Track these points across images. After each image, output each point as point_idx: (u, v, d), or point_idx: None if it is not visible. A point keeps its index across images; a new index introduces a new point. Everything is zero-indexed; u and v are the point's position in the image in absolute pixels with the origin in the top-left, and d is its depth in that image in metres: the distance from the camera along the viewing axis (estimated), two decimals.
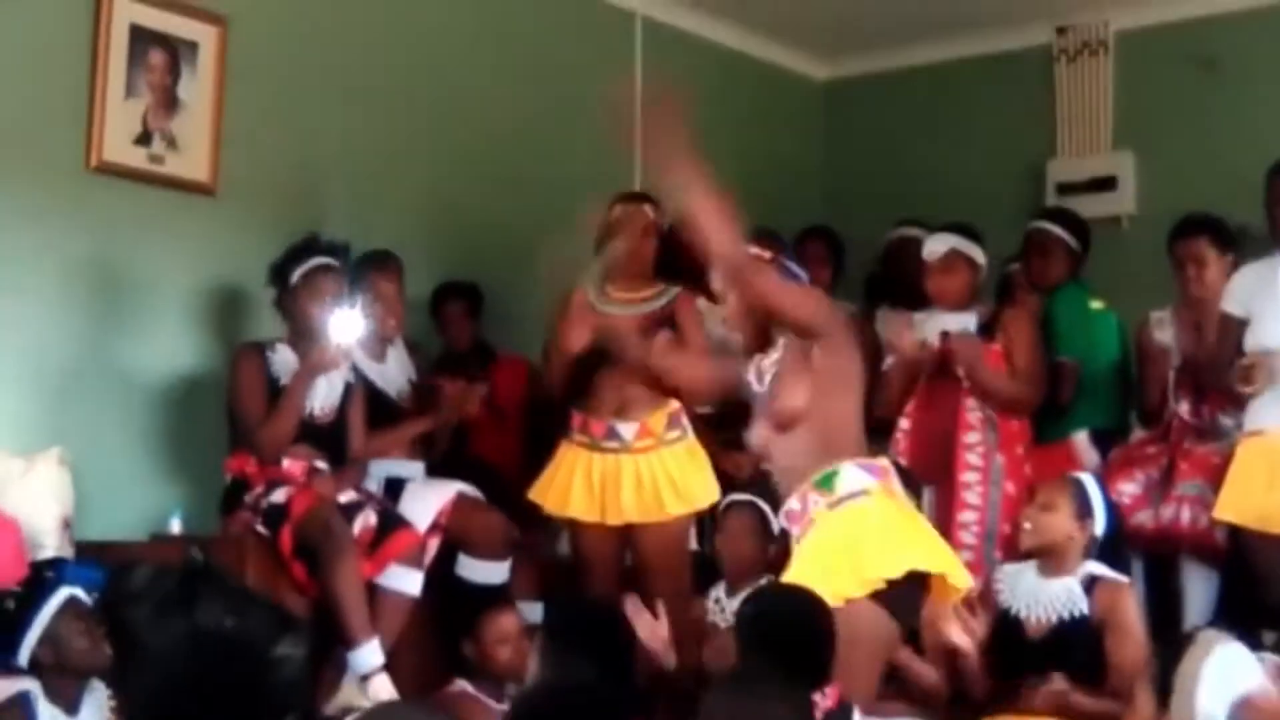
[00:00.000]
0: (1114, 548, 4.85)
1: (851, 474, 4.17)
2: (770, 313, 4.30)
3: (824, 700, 3.69)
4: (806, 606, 3.83)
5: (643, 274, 5.64)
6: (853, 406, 4.31)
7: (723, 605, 5.20)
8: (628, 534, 5.54)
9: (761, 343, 4.39)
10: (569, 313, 5.57)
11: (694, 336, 5.55)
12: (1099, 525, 4.78)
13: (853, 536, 4.09)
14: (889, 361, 5.87)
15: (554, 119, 6.97)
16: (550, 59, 7.02)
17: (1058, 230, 6.05)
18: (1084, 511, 4.78)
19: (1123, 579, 4.82)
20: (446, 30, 6.68)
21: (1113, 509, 4.88)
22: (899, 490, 4.31)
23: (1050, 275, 6.01)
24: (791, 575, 4.12)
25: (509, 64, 6.86)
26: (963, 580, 4.19)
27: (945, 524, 5.42)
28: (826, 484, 4.15)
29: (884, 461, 4.34)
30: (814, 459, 4.19)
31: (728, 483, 5.59)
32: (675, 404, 5.54)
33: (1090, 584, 4.72)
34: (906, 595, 4.09)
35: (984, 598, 4.95)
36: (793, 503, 4.23)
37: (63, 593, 4.27)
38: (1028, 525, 4.84)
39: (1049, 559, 4.80)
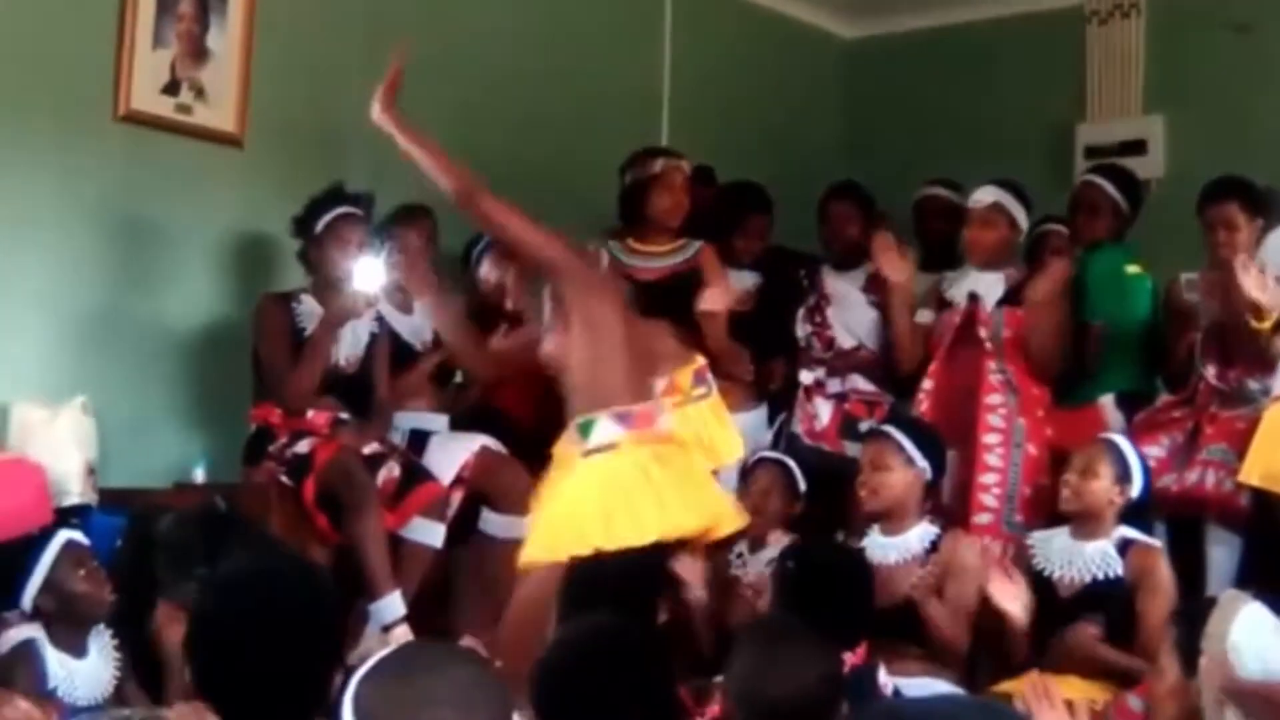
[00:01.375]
0: (1140, 510, 4.87)
1: (604, 426, 4.23)
2: (517, 250, 4.36)
3: (852, 656, 3.71)
4: (850, 565, 3.85)
5: (672, 229, 5.66)
6: (611, 350, 4.33)
7: (745, 560, 5.22)
8: None
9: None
10: None
11: (717, 281, 5.59)
12: (1136, 488, 4.82)
13: (584, 497, 4.18)
14: (919, 317, 5.86)
15: (583, 79, 6.95)
16: (580, 14, 7.00)
17: (1108, 185, 6.01)
18: (1124, 475, 4.83)
19: (1154, 542, 4.86)
20: None
21: (1147, 471, 4.91)
22: (663, 433, 4.34)
23: (1095, 231, 5.96)
24: (538, 520, 4.26)
25: (535, 14, 6.83)
26: (708, 529, 4.29)
27: (966, 485, 5.43)
28: (583, 432, 4.23)
29: (645, 407, 4.36)
30: (578, 405, 4.30)
31: None
32: (701, 360, 5.53)
33: (1124, 547, 4.76)
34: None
35: (1016, 562, 4.96)
36: (562, 444, 4.32)
37: (60, 537, 4.26)
38: (1067, 491, 4.85)
39: (1084, 522, 4.82)
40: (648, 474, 4.26)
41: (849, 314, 6.16)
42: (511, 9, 6.76)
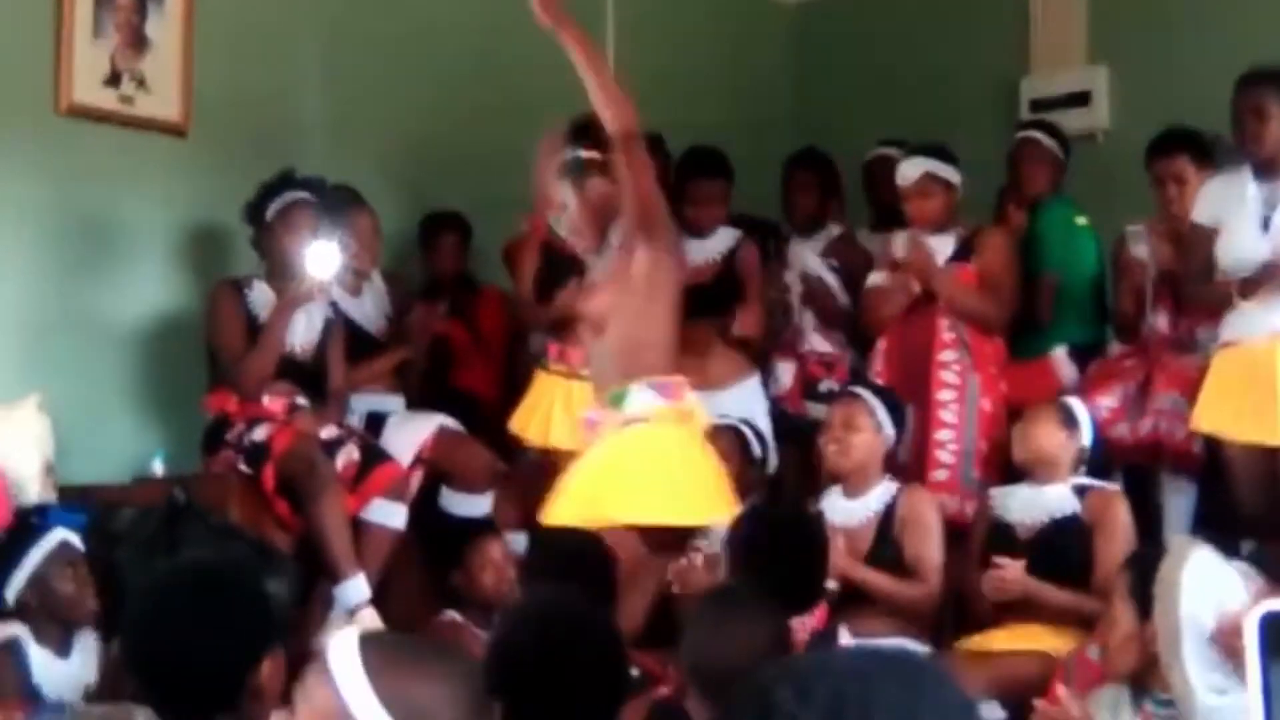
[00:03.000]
0: (1097, 466, 4.94)
1: (640, 396, 4.21)
2: (630, 193, 4.30)
3: (811, 619, 3.74)
4: (801, 528, 3.87)
5: None
6: (663, 321, 4.33)
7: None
8: None
9: (597, 245, 4.44)
10: (525, 242, 5.64)
11: None
12: (1085, 436, 4.90)
13: (617, 467, 4.18)
14: (872, 280, 5.89)
15: (530, 50, 6.90)
16: None
17: (1048, 140, 6.06)
18: (1070, 422, 4.92)
19: (1114, 486, 4.96)
20: None
21: (1095, 426, 4.98)
22: (695, 410, 4.34)
23: (1040, 185, 6.01)
24: (568, 487, 4.20)
25: None
26: (718, 518, 4.23)
27: (922, 442, 5.47)
28: (617, 402, 4.20)
29: (680, 379, 4.36)
30: (617, 369, 4.28)
31: None
32: None
33: (1082, 491, 4.83)
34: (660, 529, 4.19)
35: (978, 516, 5.02)
36: (591, 412, 4.27)
37: (55, 535, 4.29)
38: (1016, 438, 4.92)
39: (1040, 470, 4.88)
40: (685, 452, 4.28)
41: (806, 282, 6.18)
42: None
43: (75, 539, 4.31)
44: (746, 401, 5.78)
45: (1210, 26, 6.93)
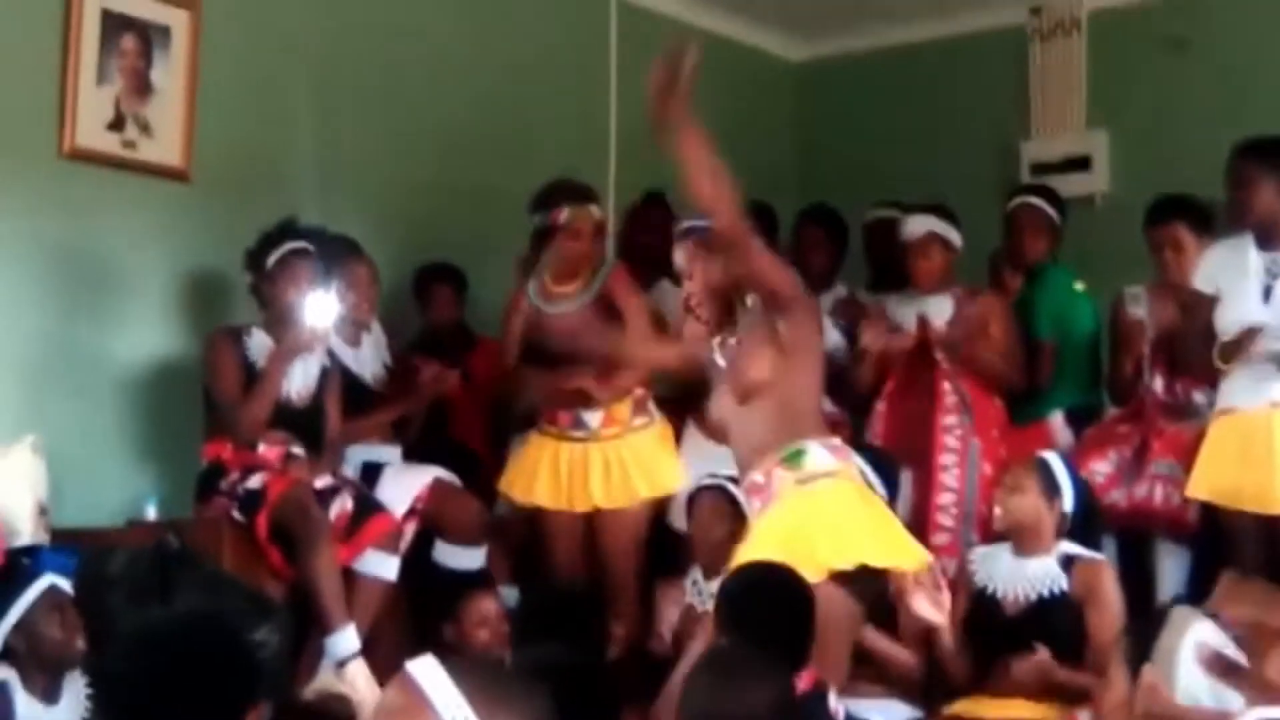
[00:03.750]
0: (1086, 525, 4.91)
1: (819, 453, 4.21)
2: (752, 281, 4.31)
3: (800, 682, 3.72)
4: (788, 586, 3.85)
5: (585, 272, 5.68)
6: (815, 382, 4.37)
7: (700, 587, 5.22)
8: (591, 519, 5.58)
9: (724, 319, 4.41)
10: (509, 320, 5.66)
11: (629, 305, 5.61)
12: (1067, 502, 4.86)
13: (817, 518, 4.16)
14: (866, 340, 5.89)
15: (529, 105, 6.96)
16: (525, 42, 7.00)
17: (1046, 206, 6.08)
18: (1051, 490, 4.87)
19: (1100, 557, 4.90)
20: (420, 15, 6.66)
21: (1081, 486, 4.96)
22: (858, 473, 4.34)
23: (1038, 252, 6.04)
24: (751, 548, 4.15)
25: (483, 48, 6.84)
26: (919, 565, 4.25)
27: (923, 506, 5.47)
28: (794, 460, 4.19)
29: (839, 442, 4.40)
30: (775, 433, 4.26)
31: None
32: (640, 391, 5.57)
33: (1068, 562, 4.80)
34: (866, 578, 4.13)
35: (959, 578, 4.99)
36: (756, 476, 4.26)
37: (44, 581, 4.27)
38: (998, 509, 4.89)
39: (1023, 539, 4.85)
40: (870, 502, 4.31)
41: None
42: (458, 38, 6.76)
43: (64, 583, 4.28)
44: None
45: (1209, 93, 6.99)
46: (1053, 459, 4.99)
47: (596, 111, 7.32)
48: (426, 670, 2.01)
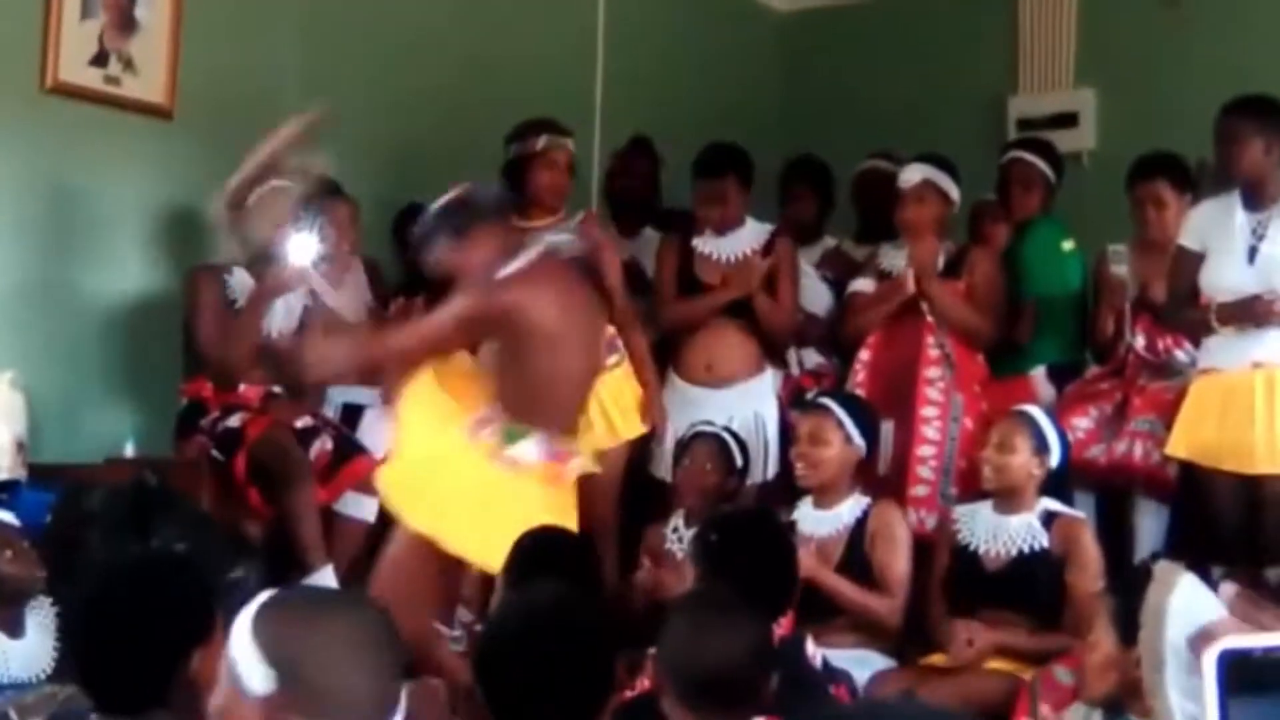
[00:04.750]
0: (1061, 480, 4.93)
1: (528, 447, 4.33)
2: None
3: (778, 628, 3.72)
4: (771, 532, 3.85)
5: (557, 205, 5.65)
6: (562, 380, 4.39)
7: (680, 535, 5.23)
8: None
9: None
10: None
11: (605, 255, 5.53)
12: (1055, 459, 4.87)
13: (483, 505, 4.28)
14: (855, 286, 5.89)
15: (515, 48, 6.92)
16: None
17: (1039, 161, 6.07)
18: (1041, 447, 4.88)
19: (1080, 514, 4.92)
20: None
21: (1065, 442, 4.96)
22: (564, 476, 4.44)
23: (1029, 207, 6.03)
24: (431, 490, 4.33)
25: None
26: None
27: (903, 457, 5.46)
28: (509, 438, 4.21)
29: (568, 447, 4.45)
30: (515, 407, 4.33)
31: None
32: (610, 329, 5.48)
33: (1048, 519, 4.81)
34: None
35: (940, 534, 5.01)
36: (489, 413, 4.35)
37: None
38: (988, 469, 4.90)
39: (1006, 496, 4.86)
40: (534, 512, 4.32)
41: (801, 290, 6.16)
42: None
43: (9, 516, 4.24)
44: (757, 396, 5.77)
45: (1198, 51, 6.97)
46: (1039, 415, 5.00)
47: (584, 57, 7.28)
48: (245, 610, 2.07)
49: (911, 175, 5.73)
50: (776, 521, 4.03)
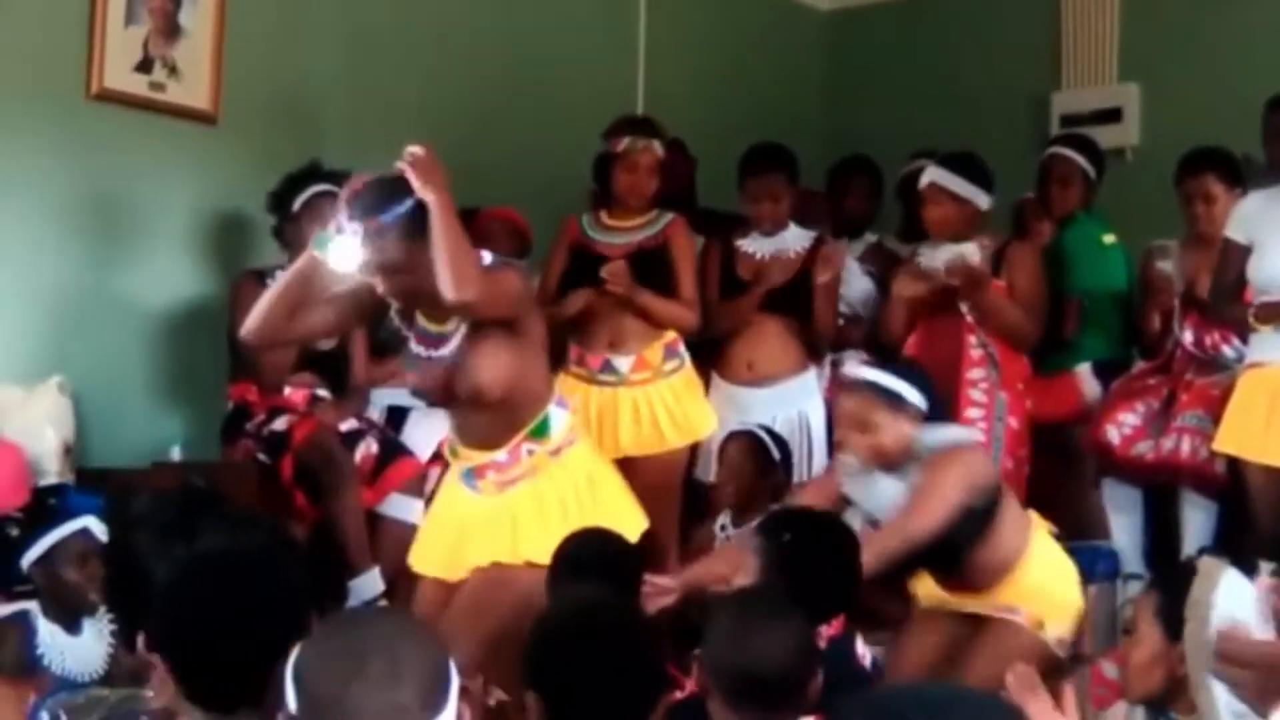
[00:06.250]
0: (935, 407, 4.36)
1: (558, 416, 4.17)
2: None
3: (828, 629, 3.71)
4: (834, 534, 3.83)
5: (641, 205, 5.63)
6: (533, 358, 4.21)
7: (729, 533, 5.23)
8: (623, 466, 5.55)
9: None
10: (557, 242, 5.63)
11: (683, 263, 5.55)
12: (914, 398, 4.28)
13: (578, 490, 4.15)
14: (896, 288, 5.87)
15: (557, 50, 6.94)
16: None
17: (1078, 157, 6.04)
18: (895, 404, 4.24)
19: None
20: None
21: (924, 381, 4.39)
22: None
23: (1069, 203, 6.00)
24: (528, 524, 4.11)
25: None
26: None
27: None
28: (540, 432, 4.14)
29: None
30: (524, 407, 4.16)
31: None
32: (671, 334, 5.54)
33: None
34: None
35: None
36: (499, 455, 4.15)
37: (79, 521, 4.28)
38: (862, 454, 4.29)
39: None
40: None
41: (845, 285, 6.15)
42: None
43: (98, 528, 4.28)
44: (800, 395, 5.76)
45: (1241, 45, 6.93)
46: (870, 373, 4.37)
47: (626, 59, 7.30)
48: None
49: (924, 178, 5.69)
50: (841, 523, 3.99)
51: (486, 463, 4.14)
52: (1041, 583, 4.29)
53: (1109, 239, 5.91)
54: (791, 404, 5.68)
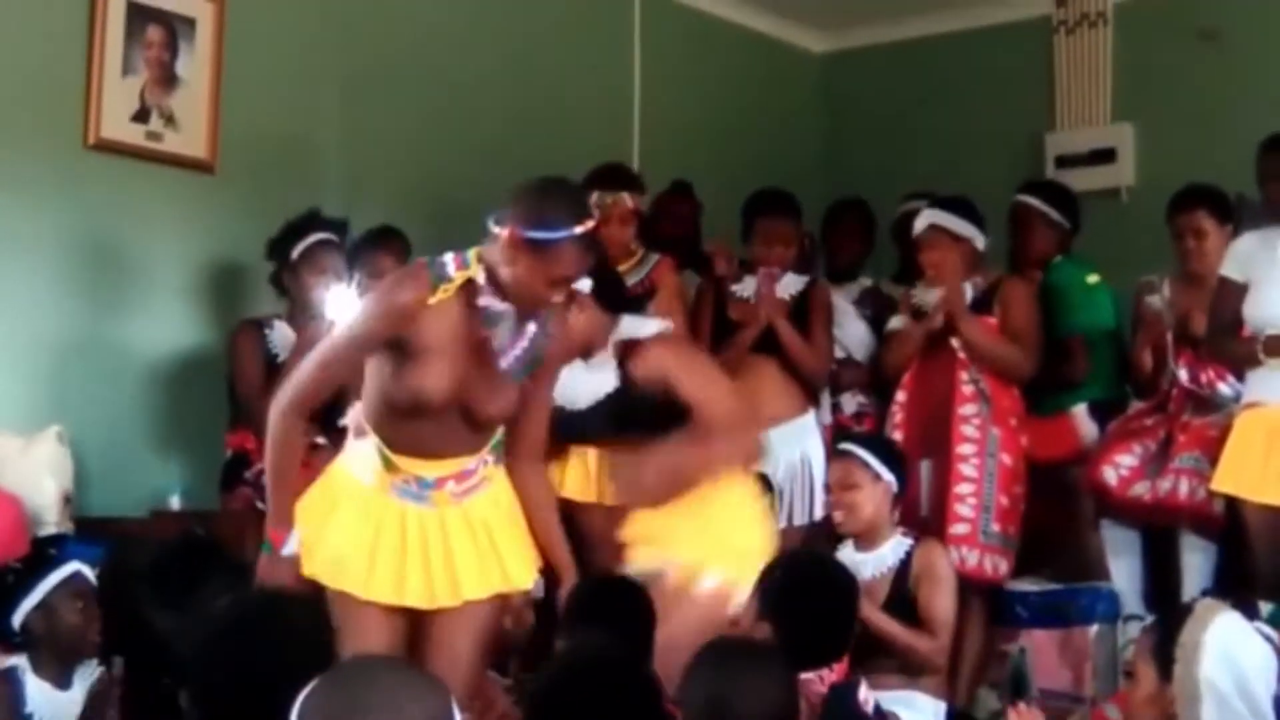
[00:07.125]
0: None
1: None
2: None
3: (830, 674, 3.71)
4: (835, 578, 3.83)
5: (622, 255, 5.65)
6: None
7: None
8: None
9: None
10: None
11: (672, 305, 5.57)
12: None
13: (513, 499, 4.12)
14: (891, 325, 5.89)
15: (552, 97, 6.97)
16: (549, 36, 7.02)
17: (1036, 203, 6.04)
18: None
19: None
20: (444, 7, 6.67)
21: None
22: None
23: (1033, 249, 6.00)
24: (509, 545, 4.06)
25: (507, 39, 6.84)
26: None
27: (942, 496, 5.44)
28: (499, 444, 4.10)
29: None
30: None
31: None
32: None
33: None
34: None
35: None
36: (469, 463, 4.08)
37: (69, 567, 4.28)
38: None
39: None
40: None
41: (840, 328, 6.17)
42: (481, 30, 6.77)
43: (88, 571, 4.29)
44: (800, 437, 5.75)
45: (1235, 86, 6.96)
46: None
47: (621, 101, 7.32)
48: None
49: (920, 222, 5.73)
50: (841, 566, 4.01)
51: (450, 473, 4.00)
52: None
53: (1093, 279, 5.91)
54: (793, 446, 5.68)
